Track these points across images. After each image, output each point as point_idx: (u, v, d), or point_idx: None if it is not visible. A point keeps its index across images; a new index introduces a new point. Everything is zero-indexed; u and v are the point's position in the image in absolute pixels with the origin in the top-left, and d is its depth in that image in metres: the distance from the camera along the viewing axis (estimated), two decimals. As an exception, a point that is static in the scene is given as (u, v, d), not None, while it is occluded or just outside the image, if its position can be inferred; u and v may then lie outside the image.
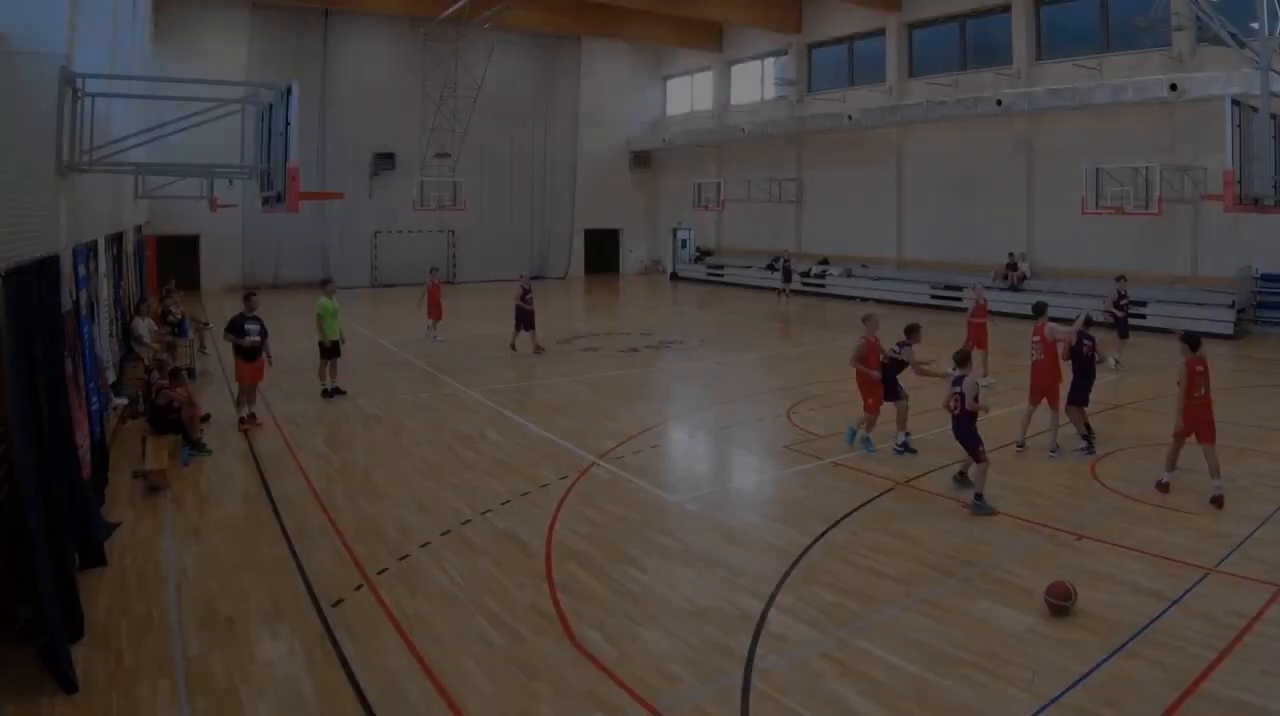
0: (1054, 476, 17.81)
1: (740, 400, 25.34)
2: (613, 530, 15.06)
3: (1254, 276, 37.70)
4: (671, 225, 73.24)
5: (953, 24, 50.79)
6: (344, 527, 15.16)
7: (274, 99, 17.74)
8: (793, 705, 9.59)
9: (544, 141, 67.53)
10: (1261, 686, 9.73)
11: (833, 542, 14.41)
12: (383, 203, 60.65)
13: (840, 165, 58.01)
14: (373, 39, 59.43)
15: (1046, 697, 9.61)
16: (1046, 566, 13.08)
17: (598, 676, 10.21)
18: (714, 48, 66.39)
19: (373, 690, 9.88)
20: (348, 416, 23.70)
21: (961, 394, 16.05)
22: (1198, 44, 38.06)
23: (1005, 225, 47.43)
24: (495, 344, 35.05)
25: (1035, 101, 42.62)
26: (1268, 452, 19.31)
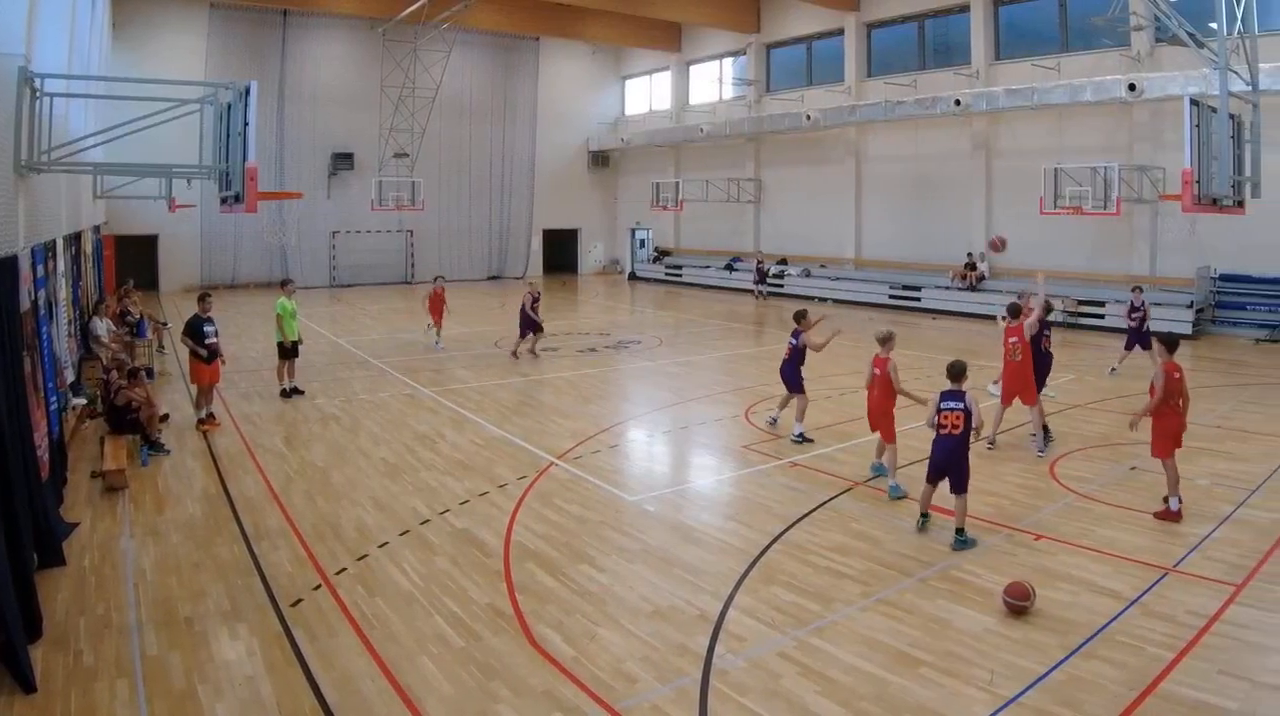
0: (1013, 477, 17.90)
1: (699, 400, 25.37)
2: (571, 530, 15.08)
3: (1212, 276, 37.89)
4: (630, 225, 73.24)
5: (911, 24, 50.98)
6: (302, 528, 15.14)
7: (232, 99, 17.68)
8: (751, 705, 9.63)
9: (502, 141, 67.44)
10: (1220, 686, 9.78)
11: (791, 543, 14.44)
12: (341, 203, 60.48)
13: (799, 165, 58.21)
14: (331, 39, 59.32)
15: (1005, 697, 9.67)
16: (1005, 566, 13.19)
17: (556, 676, 10.23)
18: (672, 48, 66.44)
19: (331, 690, 9.88)
20: (306, 416, 23.63)
21: (967, 411, 14.35)
22: (1156, 44, 38.38)
23: (964, 225, 47.62)
24: (453, 344, 35.08)
25: (994, 101, 42.80)
26: (1227, 453, 19.44)
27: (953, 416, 14.38)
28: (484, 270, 67.10)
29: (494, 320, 43.36)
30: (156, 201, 24.21)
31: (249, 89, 17.39)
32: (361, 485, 17.69)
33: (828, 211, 55.67)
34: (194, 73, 49.15)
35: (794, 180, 58.80)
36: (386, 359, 31.86)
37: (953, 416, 14.38)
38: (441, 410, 24.31)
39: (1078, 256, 42.40)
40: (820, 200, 56.31)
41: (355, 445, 20.76)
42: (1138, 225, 40.26)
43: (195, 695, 9.82)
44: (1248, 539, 14.23)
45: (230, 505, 16.44)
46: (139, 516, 15.82)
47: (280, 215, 57.18)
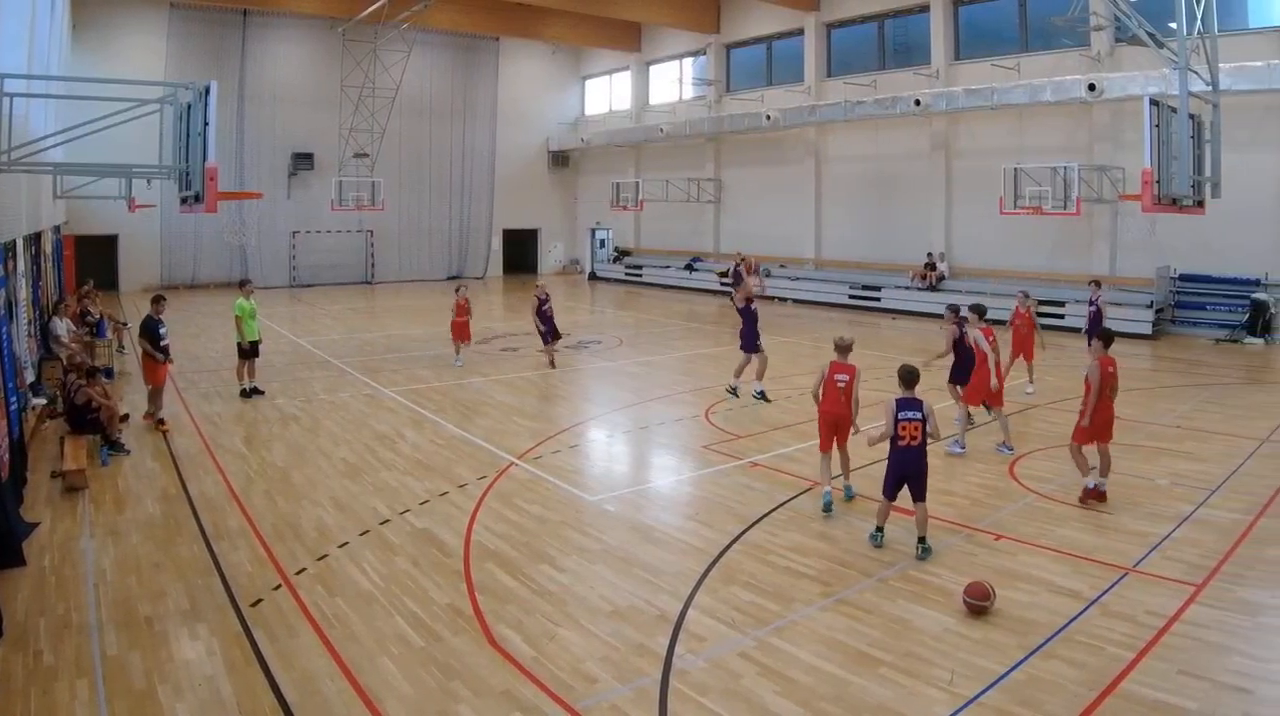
0: (973, 477, 17.96)
1: (659, 400, 25.39)
2: (531, 530, 15.07)
3: (1172, 277, 38.08)
4: (590, 225, 73.32)
5: (871, 24, 51.11)
6: (262, 528, 15.10)
7: (192, 99, 17.64)
8: (711, 705, 9.64)
9: (462, 141, 67.35)
10: (1180, 686, 9.82)
11: (751, 542, 14.47)
12: (301, 203, 60.27)
13: (759, 165, 58.36)
14: (291, 39, 59.05)
15: (965, 697, 9.71)
16: (965, 567, 13.23)
17: (516, 676, 10.23)
18: (632, 48, 66.50)
19: (291, 690, 9.87)
20: (266, 416, 23.54)
21: (924, 419, 13.91)
22: (1116, 44, 38.62)
23: (924, 225, 47.84)
24: (414, 344, 35.09)
25: (953, 101, 43.01)
26: (1186, 453, 19.56)
27: (911, 426, 13.83)
28: (444, 270, 66.86)
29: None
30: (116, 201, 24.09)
31: (209, 89, 17.35)
32: (321, 485, 17.64)
33: (788, 211, 55.76)
34: (154, 73, 49.05)
35: (754, 180, 58.97)
36: (347, 359, 31.79)
37: (911, 426, 13.83)
38: (401, 410, 24.27)
39: (1037, 256, 42.59)
40: (780, 200, 56.44)
41: (315, 445, 20.71)
42: (1098, 225, 40.51)
43: (155, 695, 9.80)
44: (1208, 539, 14.28)
45: (190, 505, 16.36)
46: (99, 516, 15.75)
47: (240, 215, 56.83)
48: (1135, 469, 18.13)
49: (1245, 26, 35.94)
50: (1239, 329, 35.49)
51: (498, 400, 25.53)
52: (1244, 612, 11.62)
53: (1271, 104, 34.52)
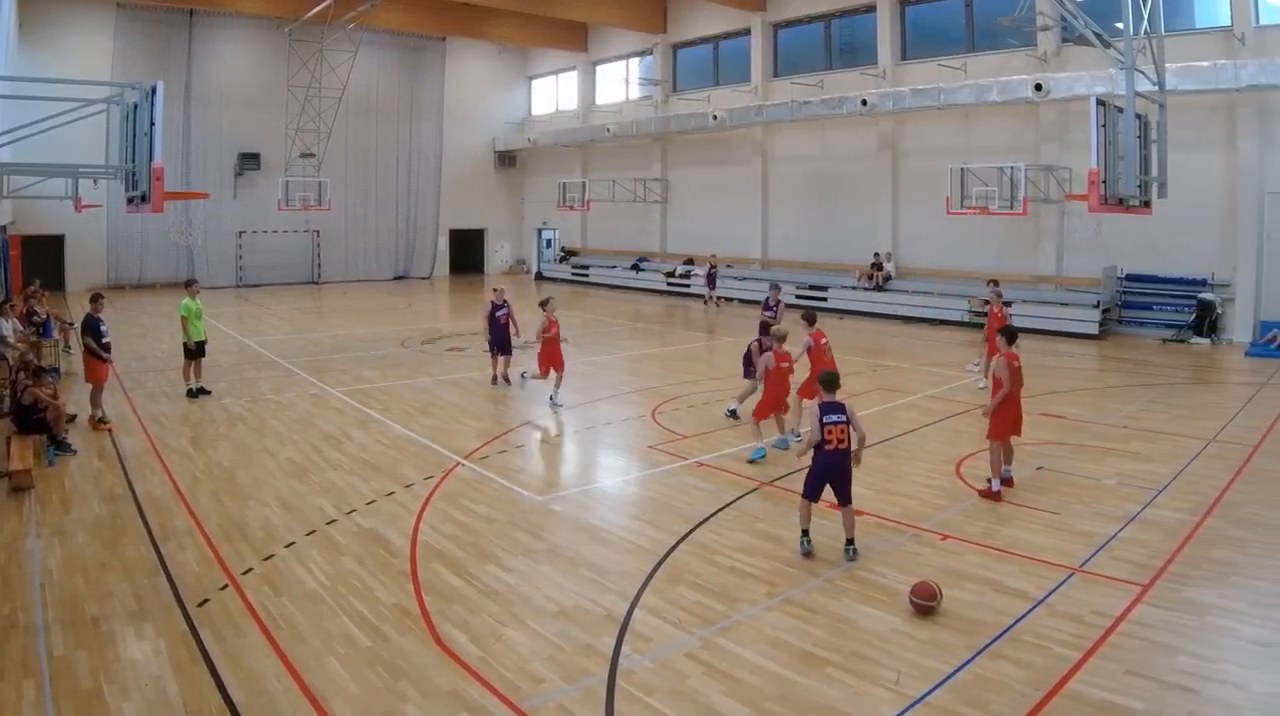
0: (919, 477, 18.01)
1: (605, 400, 25.43)
2: (477, 530, 15.08)
3: (1119, 277, 38.31)
4: (537, 225, 73.11)
5: (818, 24, 51.20)
6: (209, 528, 15.03)
7: (139, 99, 17.56)
8: (657, 705, 9.68)
9: (409, 141, 67.16)
10: (1126, 686, 9.91)
11: (697, 542, 14.49)
12: (248, 203, 59.87)
13: (705, 165, 58.39)
14: (237, 39, 58.67)
15: (911, 697, 9.75)
16: (912, 566, 13.27)
17: (462, 676, 10.25)
18: (579, 48, 66.46)
19: (238, 690, 9.85)
20: (213, 416, 23.41)
21: (848, 422, 13.81)
22: (1062, 44, 38.89)
23: (871, 225, 47.92)
24: (360, 344, 35.01)
25: (900, 101, 43.16)
26: (1133, 453, 19.69)
27: (838, 430, 13.78)
28: (390, 270, 66.79)
29: (400, 320, 43.36)
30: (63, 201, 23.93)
31: (155, 89, 17.27)
32: (268, 485, 17.58)
33: (734, 211, 55.76)
34: (101, 73, 48.79)
35: (701, 180, 59.00)
36: (293, 359, 31.63)
37: (838, 430, 13.78)
38: (348, 410, 24.19)
39: (984, 256, 42.73)
40: (727, 200, 56.45)
41: (262, 445, 20.62)
42: (1044, 225, 40.67)
43: (102, 695, 9.76)
44: (1154, 539, 14.38)
45: (137, 505, 16.28)
46: (45, 516, 15.65)
47: (187, 215, 56.27)
48: (1082, 469, 18.29)
49: (1192, 26, 36.30)
50: (1185, 329, 35.72)
51: (444, 400, 25.49)
52: (1190, 612, 11.70)
53: (1218, 104, 34.88)
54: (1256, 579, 12.82)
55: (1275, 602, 12.00)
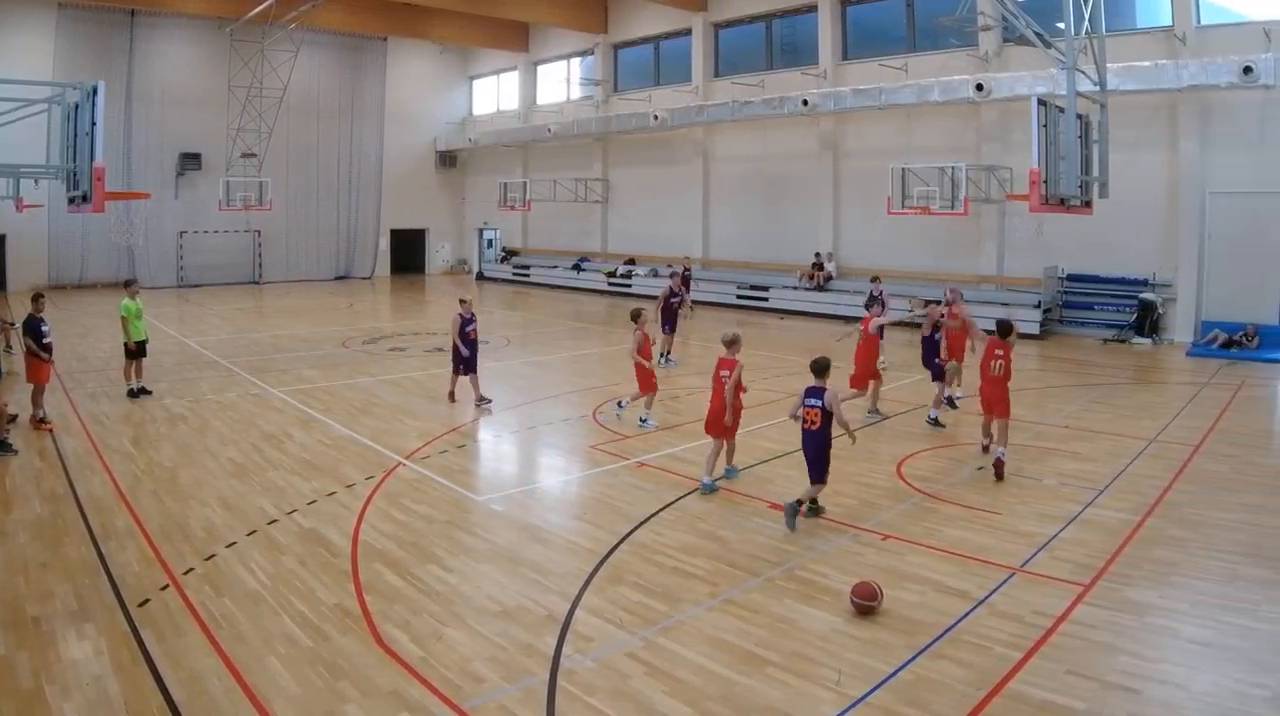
0: (861, 477, 17.95)
1: (546, 400, 25.37)
2: (418, 530, 15.04)
3: (1060, 277, 38.47)
4: (478, 225, 73.14)
5: (759, 24, 51.33)
6: (150, 528, 14.91)
7: (80, 99, 17.50)
8: (599, 705, 9.66)
9: (350, 141, 66.87)
10: (1067, 686, 9.89)
11: (639, 542, 14.47)
12: (189, 203, 59.35)
13: (646, 165, 58.49)
14: (179, 39, 58.18)
15: (853, 697, 9.71)
16: (853, 566, 13.24)
17: (403, 676, 10.21)
18: (520, 48, 66.43)
19: (179, 689, 9.79)
20: (154, 416, 23.23)
21: (823, 408, 15.09)
22: (1004, 44, 39.05)
23: (812, 225, 48.03)
24: (301, 344, 34.89)
25: (841, 102, 43.17)
26: (1074, 453, 19.75)
27: (811, 412, 15.10)
28: (331, 270, 66.53)
29: (341, 320, 43.22)
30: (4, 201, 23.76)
31: (96, 89, 17.22)
32: (209, 485, 17.46)
33: (675, 211, 55.86)
34: (42, 73, 48.03)
35: (642, 180, 59.14)
36: (234, 359, 31.39)
37: (811, 412, 15.10)
38: (289, 410, 24.08)
39: (925, 256, 42.87)
40: (668, 200, 56.57)
41: (203, 445, 20.46)
42: (985, 225, 40.86)
43: (43, 695, 9.69)
44: (1095, 539, 14.41)
45: (78, 505, 16.14)
46: (-15, 517, 15.56)
47: (128, 215, 55.81)
48: (1023, 469, 18.32)
49: (1133, 26, 36.53)
50: (1127, 329, 35.94)
51: (385, 400, 25.39)
52: (1131, 612, 11.72)
53: (1159, 104, 35.12)
54: (1197, 579, 12.87)
55: (1216, 602, 12.04)
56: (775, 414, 22.31)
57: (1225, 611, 11.76)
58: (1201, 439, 21.03)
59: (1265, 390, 27.49)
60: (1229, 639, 11.00)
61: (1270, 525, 15.14)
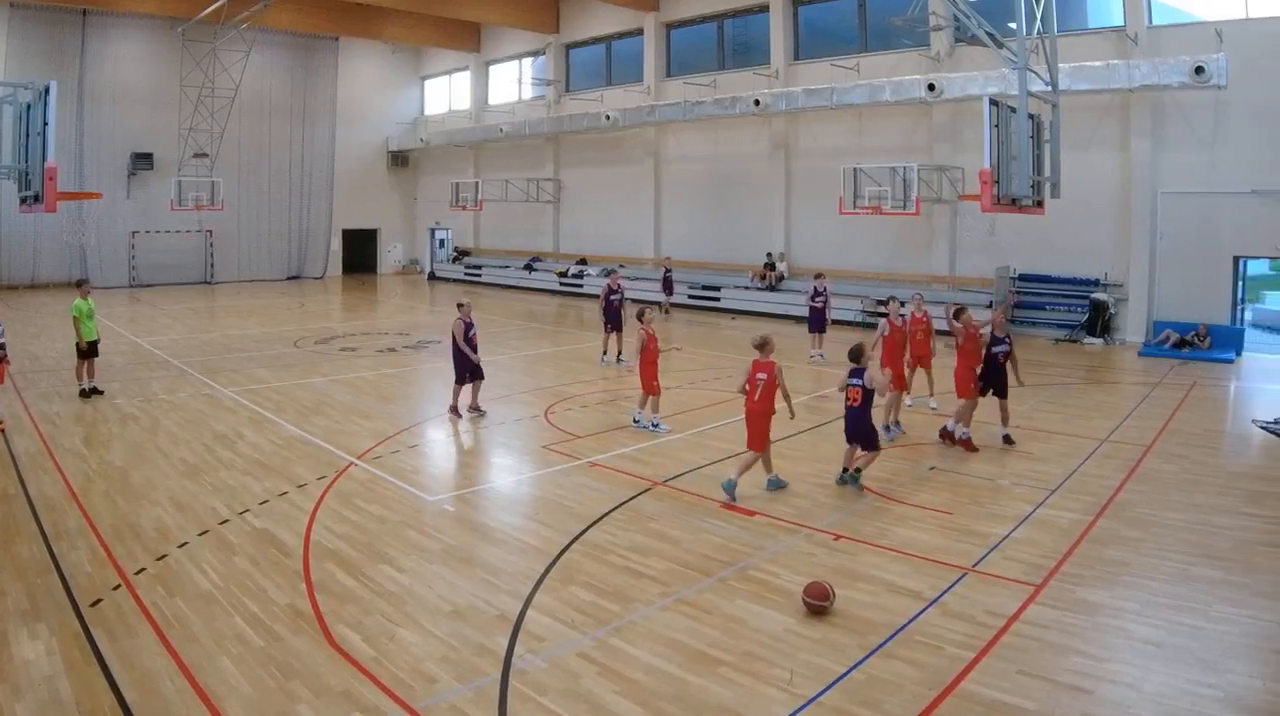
0: (813, 477, 17.98)
1: (498, 400, 25.18)
2: (370, 530, 15.00)
3: (1012, 276, 38.35)
4: (429, 225, 73.01)
5: (710, 24, 51.37)
6: (102, 528, 14.83)
7: (32, 99, 17.39)
8: (551, 705, 9.64)
9: (302, 141, 66.61)
10: (1019, 686, 9.94)
11: (591, 543, 14.46)
12: (141, 202, 58.98)
13: (598, 165, 58.45)
14: (131, 39, 57.80)
15: (805, 697, 9.72)
16: (805, 567, 13.27)
17: (356, 676, 10.19)
18: (472, 48, 66.36)
19: (131, 690, 9.74)
20: (106, 416, 23.09)
21: (863, 387, 16.80)
22: (956, 44, 39.13)
23: (764, 225, 48.10)
24: (253, 344, 34.73)
25: (793, 101, 43.19)
26: (1026, 453, 19.83)
27: (853, 391, 16.93)
28: (283, 270, 66.25)
29: (293, 320, 43.04)
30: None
31: (48, 89, 17.12)
32: (161, 485, 17.36)
33: (627, 211, 55.94)
34: (-9, 74, 47.85)
35: (594, 180, 59.09)
36: (186, 359, 31.23)
37: (853, 391, 16.93)
38: (241, 410, 23.97)
39: (877, 256, 43.02)
40: (620, 200, 56.56)
41: (155, 445, 20.36)
42: (937, 225, 40.93)
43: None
44: (1047, 539, 14.47)
45: (29, 505, 16.02)
46: (-65, 518, 15.42)
47: (80, 215, 55.53)
48: (975, 469, 18.45)
49: (1085, 27, 36.77)
50: (1078, 329, 36.02)
51: (337, 400, 25.31)
52: (1083, 612, 11.77)
53: (1110, 104, 35.32)
54: (1148, 578, 12.93)
55: (1167, 602, 12.09)
56: (727, 415, 22.36)
57: (1177, 611, 11.83)
58: (1153, 439, 21.19)
59: (1217, 390, 27.69)
60: (1180, 639, 11.05)
61: (1221, 525, 15.25)
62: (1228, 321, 33.91)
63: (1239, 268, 34.30)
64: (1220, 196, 33.01)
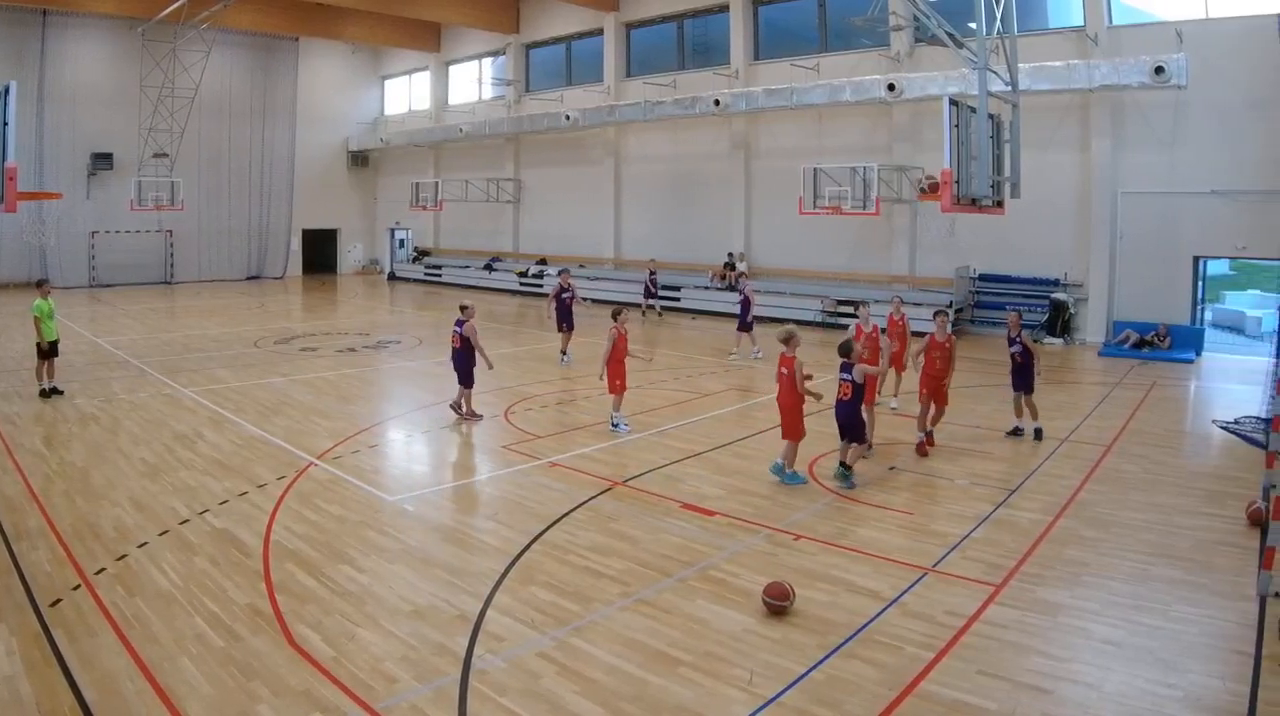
0: (772, 477, 17.87)
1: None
2: (330, 530, 14.98)
3: (972, 276, 38.60)
4: (390, 225, 72.70)
5: (670, 24, 51.30)
6: (62, 528, 14.76)
7: (-9, 99, 17.31)
8: (510, 705, 9.63)
9: (262, 141, 66.19)
10: (978, 686, 9.96)
11: (550, 542, 14.45)
12: (101, 203, 58.59)
13: (558, 165, 58.29)
14: (91, 39, 57.41)
15: (765, 697, 9.72)
16: (765, 566, 13.27)
17: (316, 676, 10.17)
18: (432, 48, 66.17)
19: (91, 690, 9.71)
20: (66, 416, 22.96)
21: (854, 382, 17.16)
22: (916, 44, 39.24)
23: (724, 225, 48.07)
24: (213, 344, 34.60)
25: (753, 101, 43.27)
26: (986, 453, 19.97)
27: (844, 385, 17.26)
28: (243, 270, 65.86)
29: (253, 320, 42.88)
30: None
31: (8, 89, 17.05)
32: (121, 485, 17.28)
33: (587, 211, 55.84)
34: (-49, 73, 47.50)
35: (554, 180, 58.92)
36: (146, 359, 31.06)
37: (844, 385, 17.26)
38: (201, 410, 23.84)
39: (838, 256, 43.10)
40: (580, 200, 56.48)
41: (115, 445, 20.26)
42: (897, 225, 40.99)
43: (-47, 696, 9.59)
44: (1007, 539, 14.51)
45: (-12, 505, 16.02)
46: (-106, 518, 15.31)
47: (40, 215, 54.87)
48: (935, 469, 18.50)
49: (1045, 27, 36.95)
50: (1038, 329, 35.78)
51: (297, 400, 25.24)
52: (1043, 612, 11.81)
53: (1071, 104, 35.46)
54: (1108, 578, 12.97)
55: (1127, 602, 12.13)
56: (686, 414, 22.43)
57: (1137, 611, 11.88)
58: (1113, 439, 21.32)
59: (1177, 390, 27.90)
60: (1140, 639, 11.11)
61: (1181, 525, 15.34)
62: (1188, 321, 34.14)
63: (1199, 267, 34.52)
64: (1180, 196, 33.19)
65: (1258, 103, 30.93)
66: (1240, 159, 31.65)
